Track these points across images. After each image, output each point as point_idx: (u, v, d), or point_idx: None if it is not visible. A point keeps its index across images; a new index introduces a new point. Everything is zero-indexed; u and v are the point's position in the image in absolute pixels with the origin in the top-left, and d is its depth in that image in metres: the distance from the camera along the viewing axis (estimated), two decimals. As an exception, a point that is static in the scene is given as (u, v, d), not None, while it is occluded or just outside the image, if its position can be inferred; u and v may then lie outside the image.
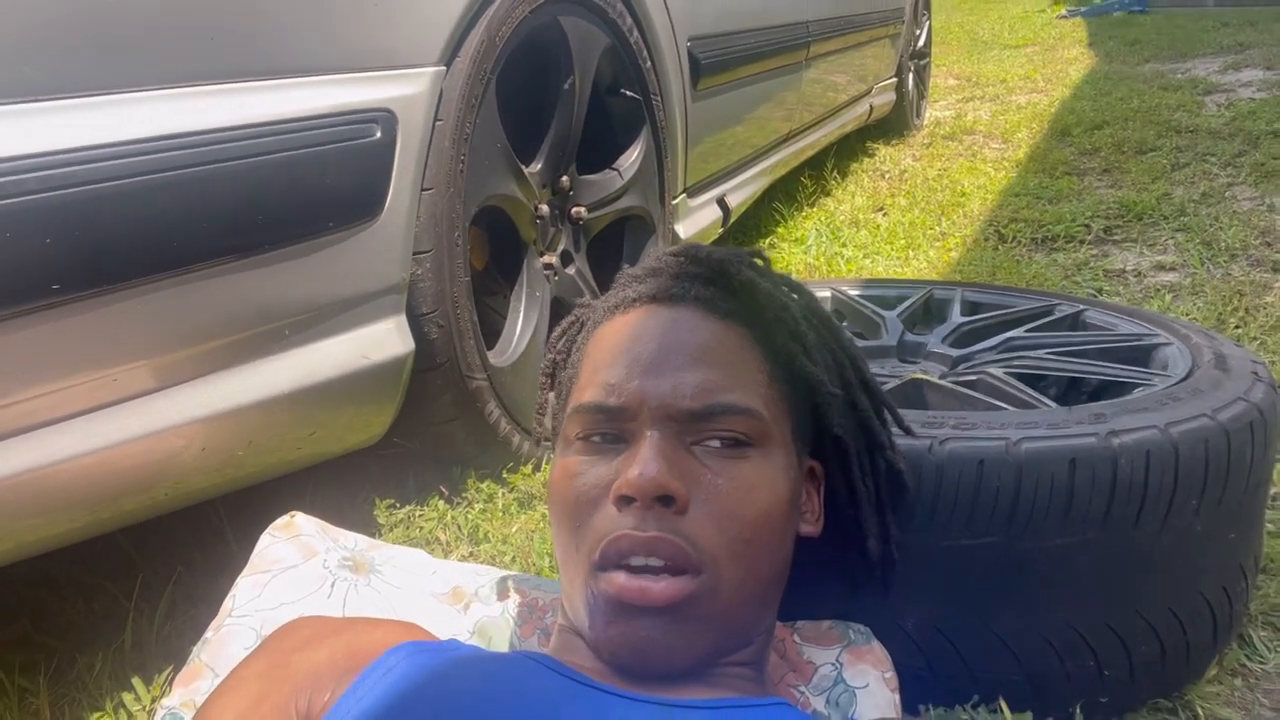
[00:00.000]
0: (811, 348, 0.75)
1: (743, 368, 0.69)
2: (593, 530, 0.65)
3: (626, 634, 0.62)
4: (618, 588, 0.62)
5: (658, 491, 0.62)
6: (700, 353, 0.68)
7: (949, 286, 1.39)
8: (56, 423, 0.86)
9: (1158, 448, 0.82)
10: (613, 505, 0.64)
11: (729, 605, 0.65)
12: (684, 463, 0.65)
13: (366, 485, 1.35)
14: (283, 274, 0.98)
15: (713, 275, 0.74)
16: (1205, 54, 5.27)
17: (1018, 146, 3.61)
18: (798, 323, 0.75)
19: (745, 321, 0.72)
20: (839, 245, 2.60)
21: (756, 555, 0.66)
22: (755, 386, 0.69)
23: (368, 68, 1.08)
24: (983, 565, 0.83)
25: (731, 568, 0.64)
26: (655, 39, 1.71)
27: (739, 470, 0.66)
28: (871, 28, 3.36)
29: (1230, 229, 2.41)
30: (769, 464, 0.68)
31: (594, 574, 0.64)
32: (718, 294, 0.72)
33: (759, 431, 0.67)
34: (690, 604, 0.62)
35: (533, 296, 1.47)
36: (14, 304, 0.78)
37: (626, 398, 0.67)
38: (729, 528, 0.64)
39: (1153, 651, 0.87)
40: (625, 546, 0.63)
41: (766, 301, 0.74)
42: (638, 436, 0.66)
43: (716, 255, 0.76)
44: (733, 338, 0.70)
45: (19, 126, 0.78)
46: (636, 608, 0.62)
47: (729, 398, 0.66)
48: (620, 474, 0.64)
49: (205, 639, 0.86)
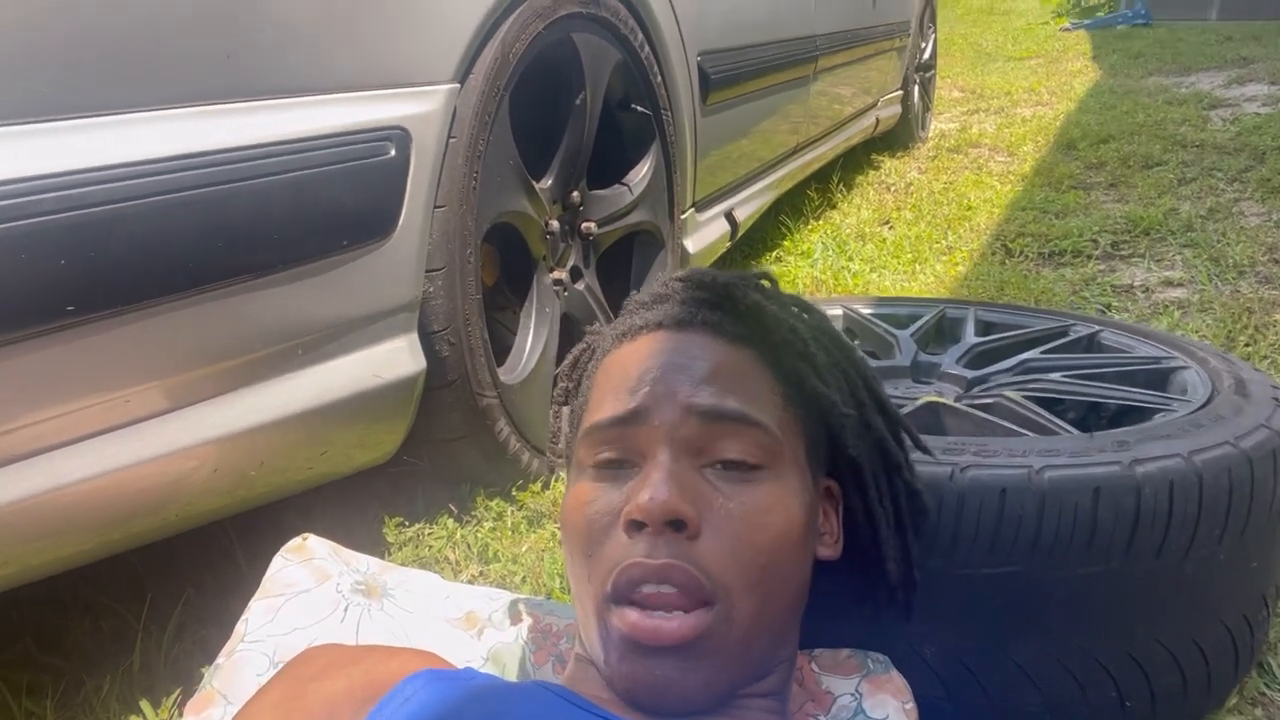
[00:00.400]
0: (822, 368, 0.74)
1: (754, 388, 0.69)
2: (605, 558, 0.64)
3: (641, 673, 0.61)
4: (630, 626, 0.61)
5: (668, 516, 0.61)
6: (710, 374, 0.68)
7: (962, 305, 1.38)
8: (68, 445, 0.85)
9: (1181, 477, 0.81)
10: (624, 532, 0.64)
11: (745, 636, 0.63)
12: (696, 486, 0.64)
13: (375, 503, 1.34)
14: (296, 293, 0.98)
15: (720, 300, 0.73)
16: (1209, 68, 5.27)
17: (1023, 160, 3.61)
18: (807, 344, 0.74)
19: (754, 344, 0.71)
20: (845, 259, 2.60)
21: (772, 581, 0.65)
22: (767, 409, 0.68)
23: (382, 86, 1.07)
24: (1004, 594, 0.82)
25: (746, 596, 0.63)
26: (665, 54, 1.71)
27: (751, 494, 0.65)
28: (877, 41, 3.36)
29: (1238, 245, 2.41)
30: (782, 487, 0.67)
31: (607, 606, 0.63)
32: (725, 318, 0.72)
33: (771, 452, 0.67)
34: (705, 640, 0.61)
35: (543, 312, 1.47)
36: (29, 325, 0.77)
37: (636, 421, 0.66)
38: (743, 553, 0.63)
39: (1174, 682, 0.86)
40: (637, 575, 0.62)
41: (774, 324, 0.73)
42: (648, 460, 0.65)
43: (723, 279, 0.76)
44: (743, 360, 0.70)
45: (35, 146, 0.77)
46: (650, 647, 0.61)
47: (740, 420, 0.66)
48: (631, 499, 0.63)
49: (217, 664, 0.85)
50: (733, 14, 2.09)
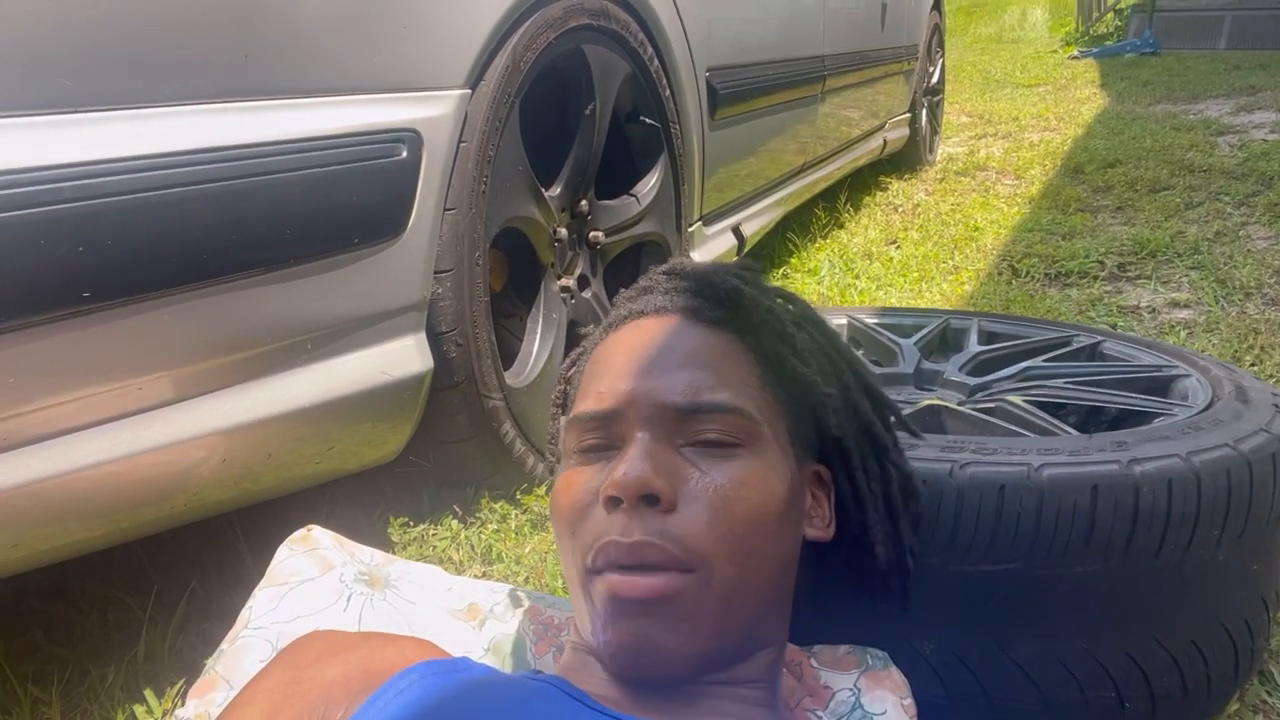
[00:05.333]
0: (802, 349, 0.76)
1: (731, 370, 0.70)
2: (586, 534, 0.66)
3: (623, 633, 0.62)
4: (609, 584, 0.63)
5: (642, 490, 0.63)
6: (688, 356, 0.70)
7: (965, 316, 1.39)
8: (80, 430, 0.86)
9: (1180, 476, 0.81)
10: (602, 508, 0.65)
11: (723, 602, 0.64)
12: (672, 462, 0.65)
13: (381, 503, 1.35)
14: (309, 288, 0.99)
15: (699, 287, 0.75)
16: (1217, 96, 5.30)
17: (1030, 183, 3.63)
18: (785, 325, 0.76)
19: (733, 328, 0.73)
20: (852, 276, 2.61)
21: (751, 552, 0.66)
22: (745, 388, 0.69)
23: (396, 89, 1.10)
24: (1003, 592, 0.82)
25: (724, 564, 0.64)
26: (675, 68, 1.73)
27: (728, 468, 0.66)
28: (885, 64, 3.39)
29: (1245, 268, 2.41)
30: (761, 462, 0.68)
31: (590, 579, 0.65)
32: (704, 304, 0.74)
33: (749, 431, 0.68)
34: (681, 599, 0.62)
35: (549, 319, 1.48)
36: (47, 310, 0.79)
37: (616, 402, 0.68)
38: (719, 524, 0.64)
39: (1174, 684, 0.86)
40: (612, 554, 0.63)
41: (752, 307, 0.75)
42: (627, 440, 0.67)
43: (703, 269, 0.78)
44: (721, 343, 0.72)
45: (58, 136, 0.79)
46: (630, 603, 0.62)
47: (717, 397, 0.67)
48: (609, 476, 0.65)
49: (220, 650, 0.85)
50: (742, 31, 2.12)
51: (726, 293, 0.74)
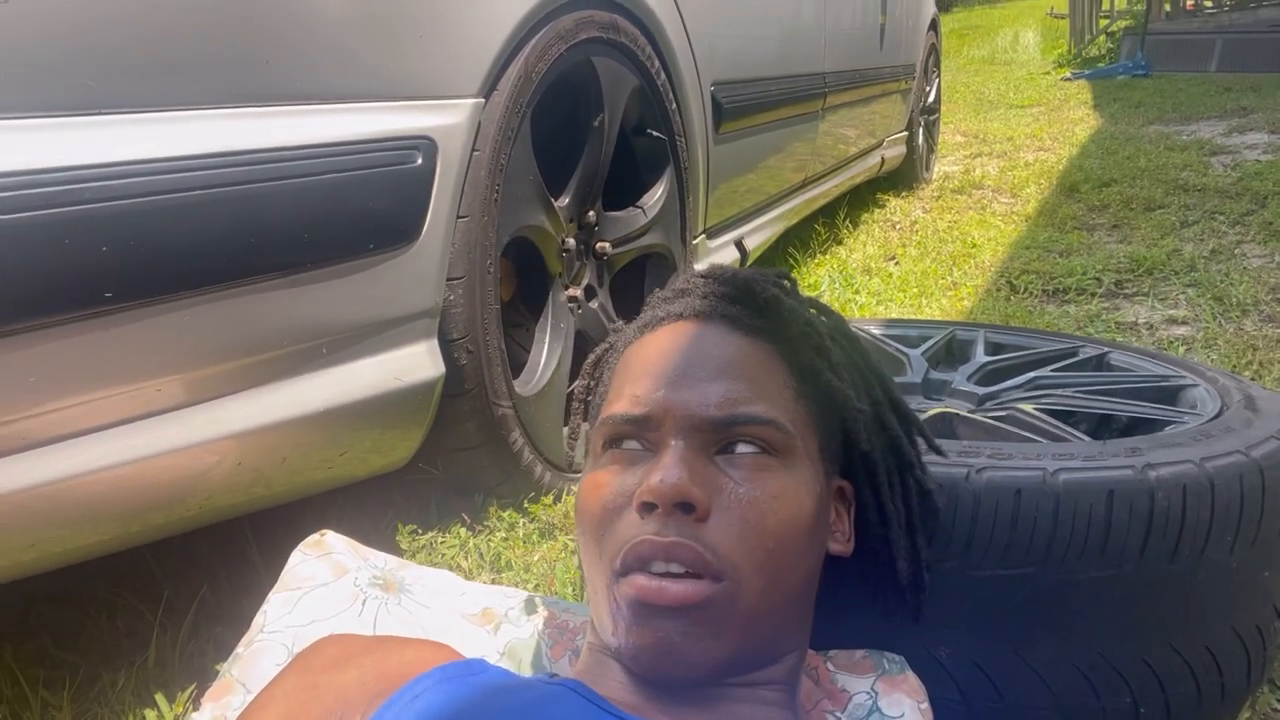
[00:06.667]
0: (837, 364, 0.76)
1: (768, 382, 0.70)
2: (616, 537, 0.65)
3: (646, 636, 0.62)
4: (637, 588, 0.62)
5: (678, 498, 0.63)
6: (725, 366, 0.69)
7: (971, 327, 1.40)
8: (97, 431, 0.86)
9: (1194, 482, 0.82)
10: (635, 513, 0.65)
11: (750, 613, 0.64)
12: (707, 471, 0.66)
13: (389, 511, 1.35)
14: (325, 292, 1.00)
15: (739, 294, 0.75)
16: (1209, 117, 5.35)
17: (1026, 201, 3.66)
18: (823, 339, 0.76)
19: (771, 338, 0.73)
20: (852, 292, 2.62)
21: (779, 565, 0.66)
22: (780, 400, 0.70)
23: (411, 97, 1.11)
24: (1019, 596, 0.83)
25: (753, 576, 0.64)
26: (681, 82, 1.75)
27: (762, 480, 0.66)
28: (884, 82, 3.42)
29: (1241, 285, 2.43)
30: (793, 476, 0.68)
31: (616, 581, 0.64)
32: (743, 311, 0.74)
33: (783, 444, 0.68)
34: (708, 606, 0.62)
35: (557, 328, 1.49)
36: (71, 310, 0.79)
37: (652, 407, 0.68)
38: (750, 536, 0.64)
39: (1189, 690, 0.86)
40: (645, 551, 0.63)
41: (791, 318, 0.75)
42: (662, 446, 0.67)
43: (743, 275, 0.78)
44: (758, 353, 0.72)
45: (83, 138, 0.80)
46: (656, 608, 0.62)
47: (753, 409, 0.67)
48: (644, 482, 0.65)
49: (236, 654, 0.85)
50: (746, 47, 2.14)
51: (766, 301, 0.74)
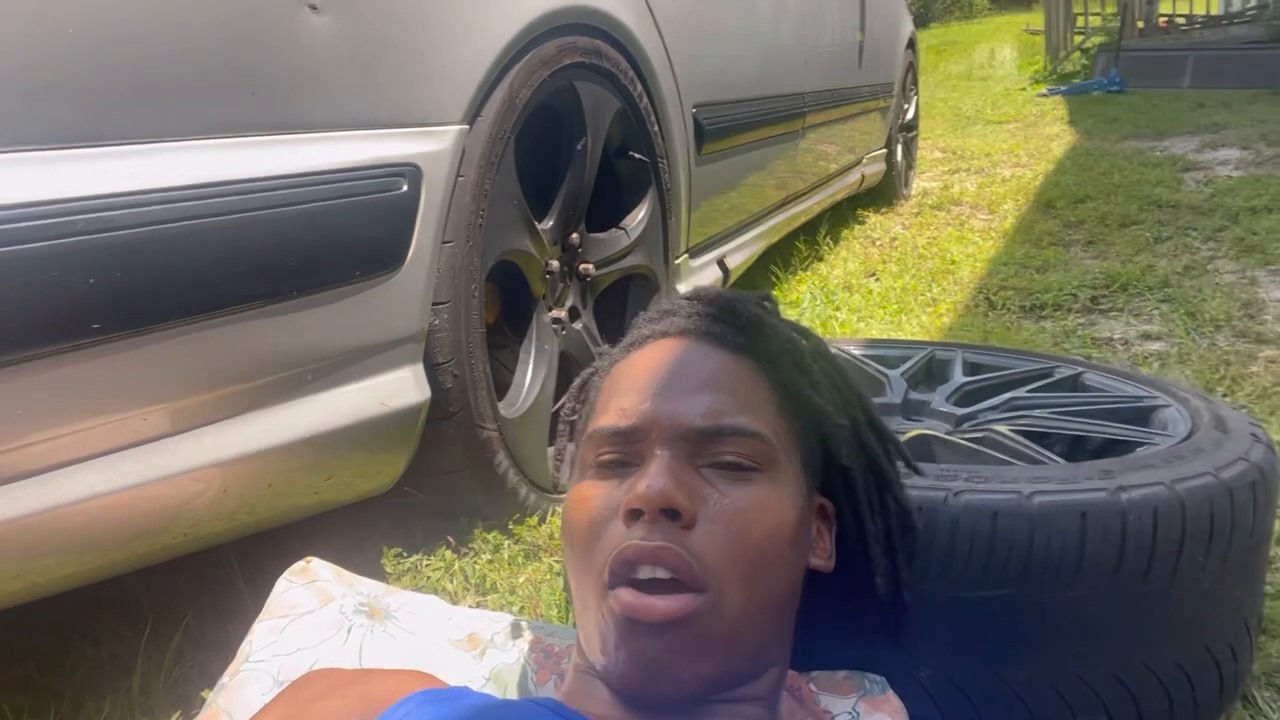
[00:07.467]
0: (818, 382, 0.78)
1: (751, 396, 0.72)
2: (603, 548, 0.67)
3: (635, 654, 0.63)
4: (624, 605, 0.63)
5: (664, 504, 0.64)
6: (710, 379, 0.71)
7: (950, 348, 1.43)
8: (84, 461, 0.87)
9: (1165, 503, 0.84)
10: (622, 522, 0.66)
11: (734, 625, 0.66)
12: (692, 481, 0.67)
13: (374, 534, 1.35)
14: (310, 319, 1.01)
15: (722, 313, 0.77)
16: (1182, 133, 5.44)
17: (1004, 217, 3.70)
18: (804, 356, 0.78)
19: (754, 355, 0.75)
20: (833, 308, 2.65)
21: (761, 577, 0.67)
22: (764, 414, 0.71)
23: (396, 125, 1.12)
24: (996, 617, 0.84)
25: (736, 587, 0.65)
26: (663, 104, 1.77)
27: (746, 492, 0.68)
28: (863, 100, 3.47)
29: (1214, 300, 2.47)
30: (776, 488, 0.69)
31: (604, 595, 0.65)
32: (727, 329, 0.76)
33: (767, 457, 0.69)
34: (693, 621, 0.63)
35: (541, 350, 1.50)
36: (59, 341, 0.80)
37: (639, 419, 0.69)
38: (734, 547, 0.66)
39: (1161, 707, 0.88)
40: (631, 555, 0.64)
41: (773, 336, 0.77)
42: (648, 457, 0.68)
43: (726, 295, 0.81)
44: (742, 368, 0.73)
45: (69, 171, 0.80)
46: (642, 625, 0.63)
47: (738, 421, 0.69)
48: (630, 490, 0.66)
49: (221, 684, 0.85)
50: (727, 69, 2.17)
51: (749, 320, 0.77)
